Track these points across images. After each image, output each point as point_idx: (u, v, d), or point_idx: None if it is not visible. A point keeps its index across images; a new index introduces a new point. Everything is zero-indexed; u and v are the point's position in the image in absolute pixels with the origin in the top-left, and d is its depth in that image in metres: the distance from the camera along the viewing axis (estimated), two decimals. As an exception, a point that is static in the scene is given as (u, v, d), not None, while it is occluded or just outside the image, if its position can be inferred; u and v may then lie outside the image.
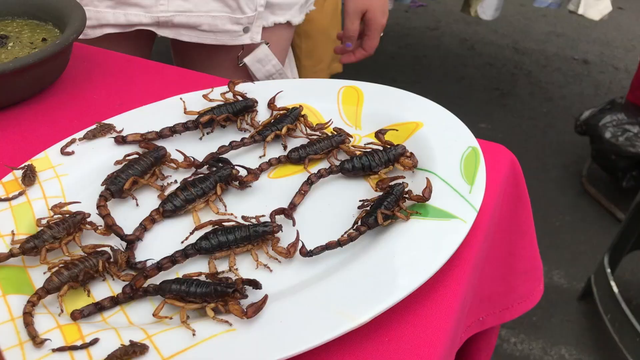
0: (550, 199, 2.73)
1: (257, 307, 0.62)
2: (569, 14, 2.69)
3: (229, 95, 0.92)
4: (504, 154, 0.87)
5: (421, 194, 0.73)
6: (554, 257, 2.44)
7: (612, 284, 2.01)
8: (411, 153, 0.82)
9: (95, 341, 0.60)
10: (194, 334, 0.60)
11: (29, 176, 0.79)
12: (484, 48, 3.94)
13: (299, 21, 1.32)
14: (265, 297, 0.63)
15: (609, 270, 2.05)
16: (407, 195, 0.75)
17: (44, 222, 0.73)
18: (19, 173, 0.80)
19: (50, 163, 0.82)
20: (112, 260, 0.70)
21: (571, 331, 2.15)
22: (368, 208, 0.74)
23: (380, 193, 0.77)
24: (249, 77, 1.29)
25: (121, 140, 0.86)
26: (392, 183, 0.76)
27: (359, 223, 0.73)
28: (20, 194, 0.77)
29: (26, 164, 0.80)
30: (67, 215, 0.73)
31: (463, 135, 0.84)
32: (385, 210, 0.72)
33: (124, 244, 0.72)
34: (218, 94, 0.92)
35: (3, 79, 0.90)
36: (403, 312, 0.66)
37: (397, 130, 0.85)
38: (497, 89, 3.57)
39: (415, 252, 0.68)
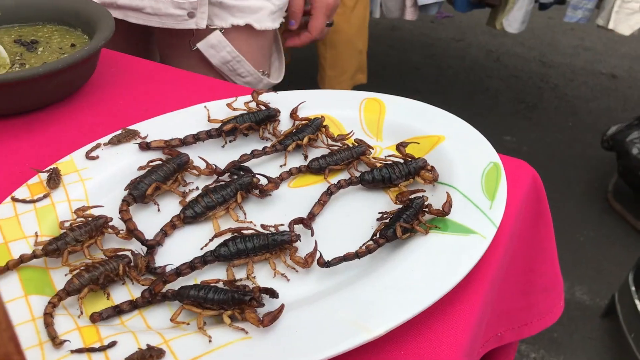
0: (575, 214, 2.70)
1: (274, 316, 0.62)
2: (597, 28, 2.66)
3: (252, 105, 0.93)
4: (526, 170, 0.87)
5: (441, 208, 0.73)
6: (577, 272, 2.40)
7: (637, 302, 1.98)
8: (432, 166, 0.82)
9: (113, 344, 0.61)
10: (210, 341, 0.61)
11: (54, 179, 0.80)
12: (510, 60, 3.91)
13: (266, 27, 1.29)
14: (282, 307, 0.63)
15: (633, 289, 2.01)
16: (426, 209, 0.74)
17: (67, 224, 0.74)
18: (44, 176, 0.81)
19: (75, 167, 0.84)
20: (132, 264, 0.71)
21: (593, 348, 2.12)
22: (387, 220, 0.74)
23: (400, 206, 0.77)
24: (207, 63, 1.30)
25: (145, 146, 0.87)
26: (412, 196, 0.76)
27: (378, 235, 0.73)
28: (45, 196, 0.79)
29: (51, 167, 0.82)
30: (89, 219, 0.74)
31: (485, 150, 0.83)
32: (405, 223, 0.72)
33: (145, 248, 0.73)
34: (242, 103, 0.93)
35: (32, 83, 0.92)
36: (419, 326, 0.65)
37: (418, 143, 0.85)
38: (522, 101, 3.54)
39: (433, 267, 0.68)
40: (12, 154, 0.91)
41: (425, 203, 0.75)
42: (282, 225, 0.75)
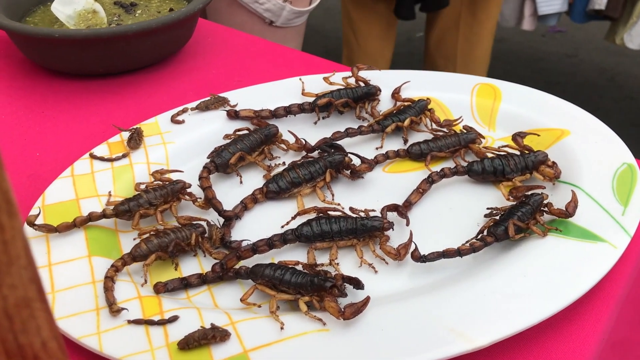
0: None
1: (357, 309, 0.53)
2: None
3: (351, 81, 0.85)
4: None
5: (564, 209, 0.62)
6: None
7: None
8: (553, 162, 0.70)
9: (174, 318, 0.54)
10: (282, 328, 0.53)
11: (135, 139, 0.75)
12: (626, 81, 3.65)
13: None
14: (367, 299, 0.54)
15: None
16: (545, 208, 0.64)
17: (142, 187, 0.69)
18: (125, 135, 0.76)
19: (159, 129, 0.79)
20: (206, 235, 0.64)
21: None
22: (497, 217, 0.64)
23: (513, 202, 0.66)
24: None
25: (233, 114, 0.81)
26: (529, 192, 0.66)
27: (485, 233, 0.63)
28: (124, 156, 0.74)
29: (134, 127, 0.77)
30: (167, 183, 0.68)
31: (617, 149, 0.71)
32: (519, 221, 0.61)
33: (221, 220, 0.67)
34: (339, 78, 0.85)
35: (125, 41, 0.88)
36: (528, 342, 0.55)
37: (538, 135, 0.74)
38: (636, 125, 3.28)
39: (550, 275, 0.57)
40: (97, 112, 0.88)
41: (545, 201, 0.64)
42: (373, 210, 0.67)
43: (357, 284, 0.57)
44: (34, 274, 0.28)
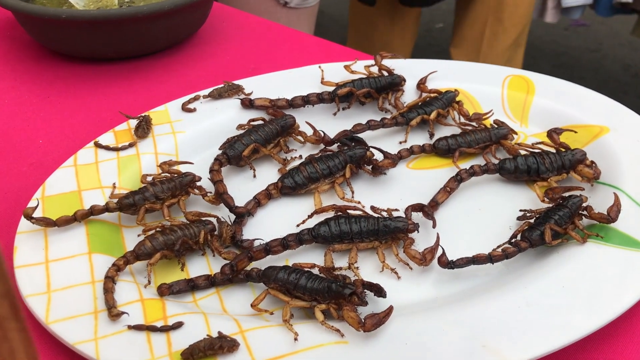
0: None
1: (379, 320, 0.48)
2: None
3: (374, 69, 0.80)
4: None
5: (605, 213, 0.57)
6: None
7: None
8: (592, 161, 0.65)
9: (178, 325, 0.50)
10: (295, 339, 0.48)
11: (143, 127, 0.71)
12: (651, 77, 3.55)
13: None
14: (390, 309, 0.49)
15: None
16: (585, 212, 0.58)
17: (149, 179, 0.64)
18: (133, 123, 0.72)
19: (169, 117, 0.74)
20: (216, 233, 0.59)
21: None
22: (532, 221, 0.59)
23: (549, 205, 0.61)
24: None
25: (248, 103, 0.76)
26: (567, 194, 0.60)
27: (519, 237, 0.58)
28: (131, 145, 0.69)
29: (143, 114, 0.72)
30: (175, 175, 0.64)
31: (662, 149, 0.66)
32: (556, 226, 0.56)
33: (233, 216, 0.62)
34: (361, 66, 0.80)
35: (135, 24, 0.84)
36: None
37: (575, 132, 0.69)
38: (661, 123, 3.19)
39: (591, 286, 0.52)
40: (105, 98, 0.83)
41: (584, 204, 0.59)
42: (396, 210, 0.62)
43: (379, 291, 0.52)
44: (6, 288, 0.24)
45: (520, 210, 0.61)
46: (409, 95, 0.79)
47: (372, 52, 0.86)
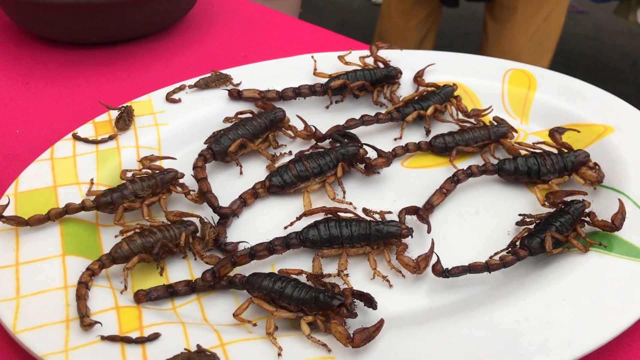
0: None
1: (369, 335, 0.45)
2: None
3: (369, 61, 0.76)
4: None
5: (609, 221, 0.54)
6: None
7: None
8: (595, 163, 0.62)
9: (155, 336, 0.47)
10: (279, 354, 0.45)
11: (125, 119, 0.67)
12: (650, 66, 3.52)
13: None
14: (381, 322, 0.46)
15: None
16: (587, 219, 0.55)
17: (129, 175, 0.61)
18: (114, 114, 0.68)
19: (152, 108, 0.70)
20: (198, 234, 0.56)
21: None
22: (531, 227, 0.56)
23: (550, 209, 0.58)
24: None
25: (236, 94, 0.72)
26: (569, 199, 0.57)
27: (518, 245, 0.55)
28: (111, 138, 0.66)
29: (124, 105, 0.69)
30: (156, 172, 0.60)
31: (670, 152, 0.63)
32: (557, 233, 0.53)
33: (216, 217, 0.59)
34: (356, 57, 0.77)
35: (119, 7, 0.80)
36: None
37: (578, 131, 0.66)
38: (658, 113, 3.16)
39: (593, 299, 0.49)
40: (87, 86, 0.80)
41: (587, 210, 0.56)
42: (390, 213, 0.59)
43: (370, 301, 0.49)
44: None
45: (520, 215, 0.58)
46: (405, 88, 0.75)
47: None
